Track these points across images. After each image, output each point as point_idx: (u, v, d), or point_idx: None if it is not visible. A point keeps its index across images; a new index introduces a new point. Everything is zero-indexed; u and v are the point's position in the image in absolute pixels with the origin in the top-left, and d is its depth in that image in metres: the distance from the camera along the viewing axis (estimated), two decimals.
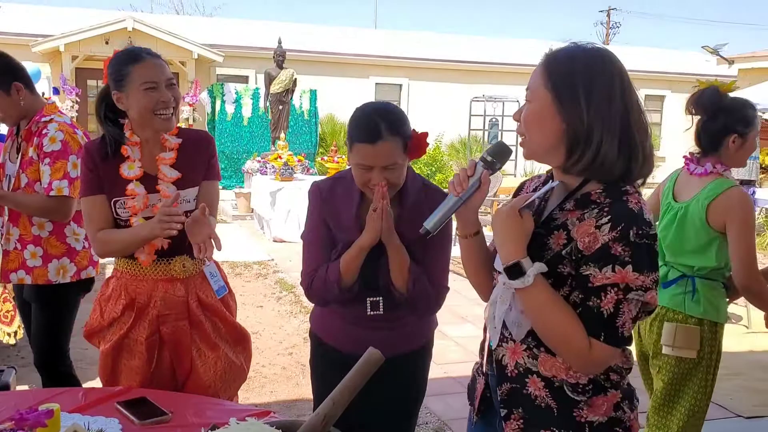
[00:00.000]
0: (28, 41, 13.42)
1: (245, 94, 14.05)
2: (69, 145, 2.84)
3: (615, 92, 1.38)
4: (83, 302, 3.04)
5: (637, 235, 1.32)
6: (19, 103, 2.87)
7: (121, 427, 1.78)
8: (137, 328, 2.22)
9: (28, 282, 2.92)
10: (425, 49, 18.39)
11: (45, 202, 2.82)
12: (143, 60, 2.14)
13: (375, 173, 1.90)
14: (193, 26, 17.27)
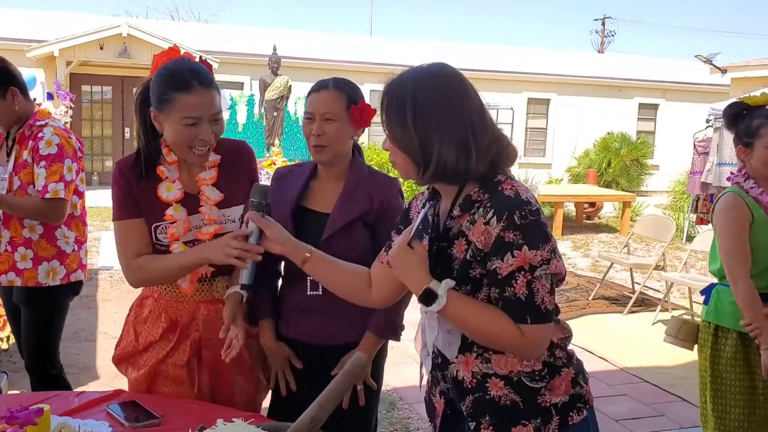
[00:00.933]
0: (22, 46, 13.41)
1: (240, 101, 14.08)
2: (65, 149, 2.87)
3: (450, 103, 1.48)
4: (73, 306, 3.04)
5: (521, 216, 1.40)
6: (13, 108, 2.89)
7: (111, 430, 1.79)
8: (177, 353, 2.06)
9: (18, 284, 2.93)
10: (418, 56, 18.41)
11: (40, 204, 2.83)
12: (191, 90, 1.87)
13: (316, 123, 2.06)
14: (188, 32, 17.30)
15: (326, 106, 2.07)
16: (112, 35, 13.62)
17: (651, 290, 7.16)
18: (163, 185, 1.99)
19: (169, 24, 21.77)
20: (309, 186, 2.17)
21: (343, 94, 2.08)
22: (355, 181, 2.12)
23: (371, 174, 2.17)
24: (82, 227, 3.10)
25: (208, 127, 1.90)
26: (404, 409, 4.05)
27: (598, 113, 18.58)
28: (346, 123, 2.08)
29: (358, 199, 2.10)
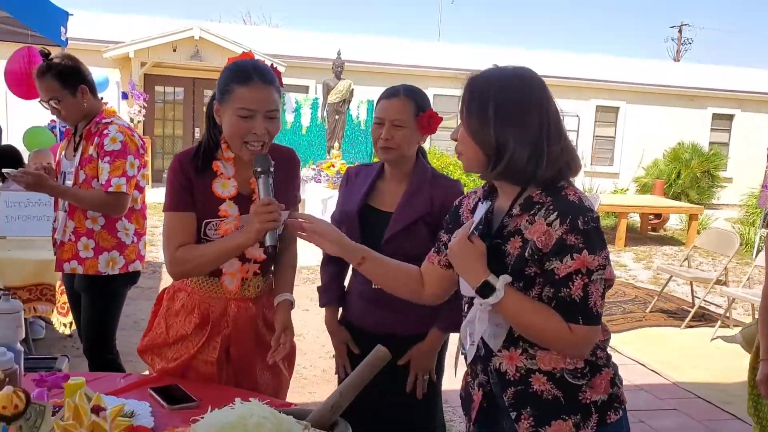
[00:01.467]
0: (99, 47, 13.99)
1: (305, 104, 14.33)
2: (128, 146, 3.02)
3: (530, 106, 1.55)
4: (135, 297, 3.17)
5: (584, 222, 1.46)
6: (82, 105, 3.06)
7: (151, 410, 1.87)
8: (208, 349, 2.07)
9: (80, 272, 3.08)
10: (484, 61, 18.22)
11: (103, 197, 2.98)
12: (250, 82, 1.89)
13: (385, 128, 2.20)
14: (256, 36, 17.68)
15: (396, 113, 2.19)
16: (185, 38, 14.08)
17: (713, 305, 6.94)
18: (218, 181, 2.00)
19: (240, 28, 22.30)
20: (375, 185, 2.31)
21: (413, 102, 2.21)
22: (417, 183, 2.25)
23: (434, 176, 2.30)
24: (142, 220, 3.25)
25: (263, 122, 1.91)
26: (447, 411, 4.05)
27: (669, 123, 18.08)
28: (413, 129, 2.21)
29: (419, 200, 2.22)
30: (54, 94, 3.01)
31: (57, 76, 3.00)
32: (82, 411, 0.94)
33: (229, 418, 1.18)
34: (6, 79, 4.75)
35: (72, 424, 0.93)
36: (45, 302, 4.29)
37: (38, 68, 3.04)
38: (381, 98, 2.26)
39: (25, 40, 4.81)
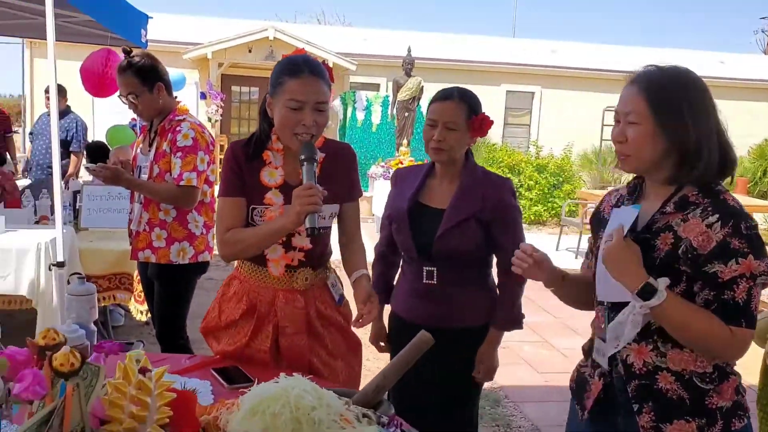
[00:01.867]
0: (179, 49, 14.50)
1: (375, 102, 14.43)
2: (198, 142, 3.19)
3: (709, 106, 1.58)
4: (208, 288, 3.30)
5: (747, 227, 1.48)
6: (158, 102, 3.24)
7: (211, 389, 1.97)
8: (259, 338, 2.13)
9: (153, 260, 3.26)
10: (559, 57, 18.04)
11: (175, 190, 3.16)
12: (299, 75, 1.95)
13: (438, 130, 2.24)
14: (329, 35, 17.95)
15: (449, 115, 2.24)
16: (260, 39, 14.41)
17: None
18: (266, 170, 2.08)
19: (313, 28, 22.67)
20: (426, 183, 2.37)
21: (466, 105, 2.25)
22: (468, 180, 2.30)
23: (485, 174, 2.35)
24: (211, 213, 3.40)
25: (312, 114, 1.95)
26: (509, 406, 4.06)
27: (754, 118, 17.30)
28: (465, 132, 2.26)
29: (471, 198, 2.26)
30: (132, 90, 3.20)
31: (136, 73, 3.19)
32: (130, 371, 1.03)
33: (273, 390, 1.26)
34: (82, 76, 5.02)
35: (121, 382, 1.02)
36: (123, 290, 4.52)
37: (119, 65, 3.25)
38: (434, 100, 2.30)
39: (105, 42, 5.07)
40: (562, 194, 12.15)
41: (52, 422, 0.86)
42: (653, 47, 20.28)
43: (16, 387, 0.93)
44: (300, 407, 1.22)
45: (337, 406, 1.29)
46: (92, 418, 0.98)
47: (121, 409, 1.00)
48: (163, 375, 1.09)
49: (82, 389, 0.95)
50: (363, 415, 1.39)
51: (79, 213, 4.77)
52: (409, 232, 2.32)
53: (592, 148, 16.18)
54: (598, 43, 20.43)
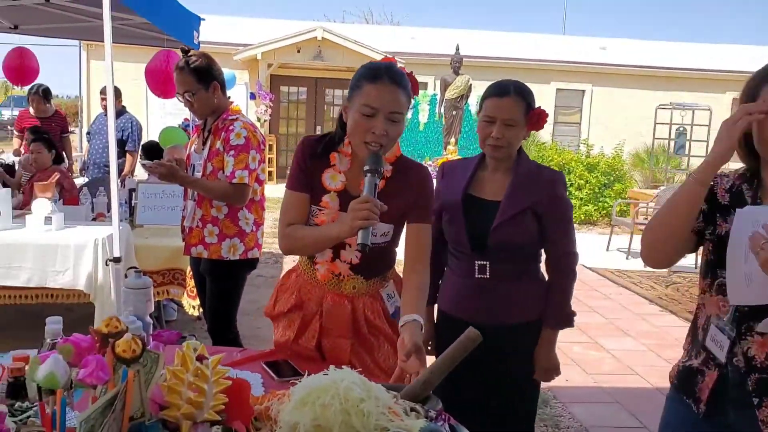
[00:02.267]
0: (230, 50, 14.76)
1: (423, 101, 14.43)
2: (251, 141, 3.26)
3: None
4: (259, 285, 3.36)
5: None
6: (213, 100, 3.33)
7: (262, 381, 2.02)
8: (305, 336, 2.14)
9: (205, 256, 3.34)
10: (610, 54, 17.75)
11: (227, 188, 3.23)
12: (378, 81, 1.87)
13: (496, 127, 2.21)
14: (376, 35, 18.03)
15: (508, 112, 2.21)
16: (308, 39, 14.56)
17: None
18: (329, 172, 2.03)
19: (361, 27, 22.79)
20: (477, 176, 2.32)
21: (523, 101, 2.22)
22: (524, 172, 2.28)
23: (538, 167, 2.34)
24: (261, 211, 3.48)
25: (384, 123, 1.86)
26: (557, 407, 4.02)
27: None
28: (523, 127, 2.24)
29: (527, 189, 2.24)
30: (189, 88, 3.29)
31: (193, 72, 3.27)
32: (188, 358, 1.06)
33: (323, 381, 1.28)
34: (146, 77, 5.17)
35: (180, 369, 1.05)
36: (177, 286, 4.63)
37: (177, 64, 3.35)
38: (490, 95, 2.25)
39: (160, 44, 5.20)
40: (613, 194, 11.95)
41: (115, 406, 0.90)
42: (705, 43, 19.77)
43: (80, 372, 0.98)
44: (349, 399, 1.24)
45: (385, 399, 1.30)
46: (152, 403, 1.03)
47: (179, 395, 1.03)
48: (218, 363, 1.12)
49: (142, 375, 0.99)
50: (411, 408, 1.40)
51: (135, 210, 4.91)
52: (463, 224, 2.28)
53: (644, 146, 15.88)
54: (649, 40, 20.02)
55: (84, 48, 15.90)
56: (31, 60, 6.26)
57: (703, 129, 13.46)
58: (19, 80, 6.45)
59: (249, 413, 1.19)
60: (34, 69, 6.34)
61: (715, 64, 17.16)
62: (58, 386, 0.96)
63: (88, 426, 0.86)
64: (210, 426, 1.07)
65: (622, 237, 9.57)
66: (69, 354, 1.02)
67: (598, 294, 6.87)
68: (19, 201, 5.37)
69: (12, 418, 1.29)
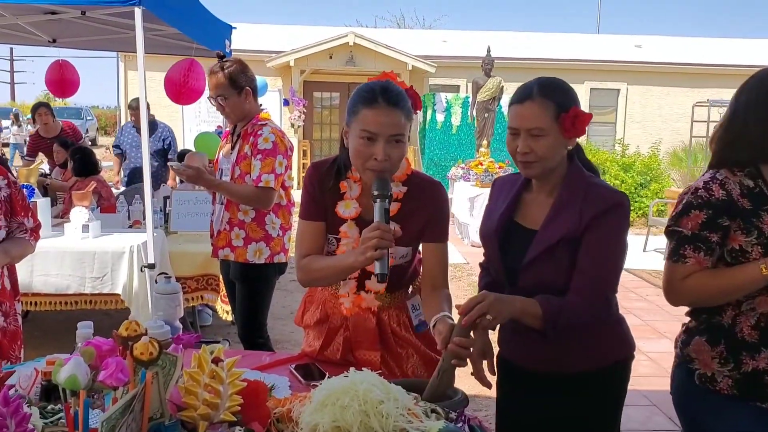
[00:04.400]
0: (263, 57, 14.93)
1: (455, 103, 14.41)
2: (278, 146, 3.31)
3: None
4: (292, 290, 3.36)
5: None
6: (244, 105, 3.39)
7: (289, 384, 2.04)
8: (330, 349, 2.12)
9: (231, 258, 3.40)
10: (645, 52, 17.49)
11: (253, 191, 3.28)
12: (375, 105, 1.81)
13: (521, 139, 1.82)
14: (408, 39, 18.05)
15: (532, 120, 1.80)
16: (340, 44, 14.66)
17: None
18: (342, 202, 1.98)
19: (393, 32, 22.85)
20: (521, 198, 1.97)
21: (551, 103, 1.80)
22: (568, 194, 1.85)
23: (589, 185, 1.86)
24: (288, 216, 3.52)
25: (385, 147, 1.80)
26: None
27: None
28: (556, 134, 1.80)
29: (567, 215, 1.82)
30: (222, 92, 3.34)
31: (227, 77, 3.33)
32: (204, 361, 1.09)
33: (342, 383, 1.30)
34: (165, 84, 5.26)
35: (196, 371, 1.08)
36: (210, 291, 4.71)
37: (212, 67, 3.42)
38: (512, 102, 1.87)
39: (189, 53, 5.29)
40: (650, 194, 11.77)
41: (133, 407, 0.93)
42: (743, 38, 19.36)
43: (101, 374, 1.01)
44: (368, 400, 1.26)
45: (404, 400, 1.32)
46: (170, 404, 1.05)
47: (196, 396, 1.06)
48: (234, 365, 1.15)
49: (160, 377, 1.02)
50: (432, 410, 1.41)
51: (169, 217, 5.00)
52: (498, 257, 1.94)
53: (681, 145, 15.60)
54: (685, 36, 19.69)
55: (121, 59, 16.25)
56: (72, 73, 6.42)
57: None
58: (60, 93, 6.61)
59: (266, 414, 1.22)
60: (75, 82, 6.49)
61: (751, 59, 16.76)
62: (79, 387, 0.99)
63: (109, 426, 0.89)
64: (228, 427, 1.10)
65: (660, 237, 9.40)
66: (91, 357, 1.06)
67: (635, 295, 6.77)
68: (59, 210, 5.52)
69: (43, 420, 1.34)
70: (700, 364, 1.85)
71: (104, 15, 4.93)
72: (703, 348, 1.84)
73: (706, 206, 1.76)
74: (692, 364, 1.88)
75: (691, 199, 1.79)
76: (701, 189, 1.78)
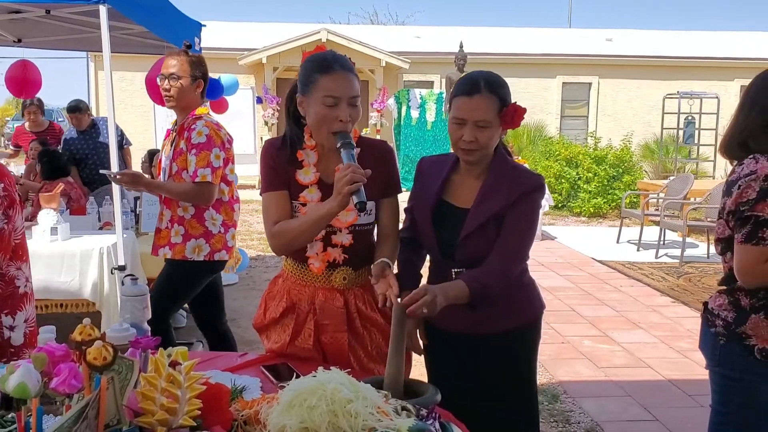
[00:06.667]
0: (235, 55, 14.82)
1: (429, 99, 14.41)
2: (213, 139, 3.24)
3: None
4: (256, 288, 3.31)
5: None
6: (192, 94, 3.31)
7: (261, 385, 2.01)
8: (301, 336, 2.14)
9: (169, 256, 3.34)
10: (616, 46, 17.65)
11: (191, 187, 3.22)
12: (332, 72, 1.96)
13: (467, 129, 1.99)
14: (381, 35, 18.03)
15: (480, 113, 1.98)
16: (313, 41, 14.56)
17: None
18: (301, 170, 2.07)
19: (366, 28, 22.81)
20: (450, 179, 2.15)
21: (496, 98, 2.00)
22: (495, 177, 2.07)
23: (514, 169, 2.10)
24: (231, 212, 3.43)
25: (347, 108, 1.96)
26: (567, 402, 3.99)
27: None
28: (497, 126, 2.02)
29: (496, 195, 2.04)
30: (177, 72, 3.27)
31: (189, 60, 3.29)
32: (161, 364, 1.06)
33: (310, 383, 1.27)
34: (146, 85, 5.19)
35: (153, 375, 1.05)
36: None
37: (174, 49, 3.40)
38: (459, 94, 2.02)
39: (161, 52, 5.21)
40: (623, 186, 11.87)
41: (87, 414, 0.90)
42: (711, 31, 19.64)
43: (53, 381, 0.98)
44: (336, 400, 1.24)
45: (374, 398, 1.30)
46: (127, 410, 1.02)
47: (153, 401, 1.03)
48: (192, 368, 1.12)
49: (116, 383, 0.99)
50: (402, 407, 1.39)
51: (140, 218, 4.93)
52: (433, 234, 2.12)
53: (653, 137, 15.78)
54: (655, 29, 19.92)
55: (91, 59, 16.03)
56: (34, 73, 6.29)
57: (711, 117, 13.35)
58: (20, 92, 6.47)
59: (228, 418, 1.19)
60: (37, 82, 6.36)
61: (721, 51, 17.03)
62: (29, 396, 0.96)
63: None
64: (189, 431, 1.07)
65: (633, 229, 9.50)
66: (43, 363, 1.02)
67: (609, 287, 6.82)
68: (29, 213, 5.41)
69: (2, 429, 1.29)
70: (758, 340, 1.94)
71: (70, 14, 4.85)
72: (761, 324, 1.94)
73: None
74: (749, 341, 1.96)
75: (767, 185, 1.86)
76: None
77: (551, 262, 7.99)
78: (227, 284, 5.93)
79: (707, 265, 7.80)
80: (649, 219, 9.14)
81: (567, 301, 6.28)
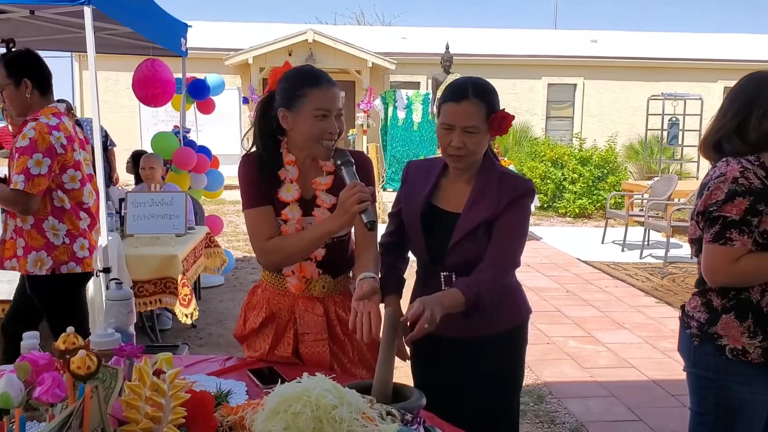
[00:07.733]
0: (221, 55, 14.76)
1: (416, 100, 14.42)
2: (36, 144, 2.94)
3: None
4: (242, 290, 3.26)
5: None
6: (25, 98, 3.05)
7: (246, 389, 2.01)
8: (281, 346, 2.14)
9: (17, 270, 3.11)
10: (601, 47, 17.75)
11: (9, 194, 2.95)
12: (321, 86, 1.98)
13: (456, 135, 2.00)
14: (368, 35, 18.01)
15: (468, 119, 1.99)
16: (299, 42, 14.59)
17: None
18: (282, 187, 2.06)
19: (353, 29, 22.79)
20: (439, 184, 2.15)
21: (484, 104, 2.00)
22: (484, 183, 2.08)
23: (502, 174, 2.10)
24: (76, 221, 3.14)
25: (335, 121, 2.00)
26: (552, 402, 4.02)
27: None
28: (485, 132, 2.03)
29: (485, 201, 2.05)
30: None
31: (4, 65, 3.05)
32: (145, 373, 1.06)
33: (295, 390, 1.27)
34: (134, 88, 5.16)
35: (137, 384, 1.05)
36: (169, 294, 4.61)
37: None
38: (447, 100, 2.02)
39: (147, 53, 5.19)
40: (607, 186, 11.96)
41: (70, 424, 0.90)
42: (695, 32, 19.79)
43: (36, 390, 0.97)
44: (321, 406, 1.24)
45: (358, 404, 1.30)
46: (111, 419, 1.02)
47: (137, 410, 1.03)
48: (176, 376, 1.12)
49: (100, 391, 0.99)
50: (387, 413, 1.40)
51: (125, 220, 4.90)
52: (422, 239, 2.12)
53: (637, 138, 15.89)
54: (640, 31, 20.06)
55: (76, 59, 15.90)
56: None
57: (695, 119, 13.47)
58: None
59: (213, 426, 1.19)
60: None
61: (705, 53, 17.17)
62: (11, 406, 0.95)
63: None
64: None
65: (617, 229, 9.58)
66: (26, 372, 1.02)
67: (593, 287, 6.87)
68: None
69: None
70: (729, 340, 1.97)
71: (55, 15, 4.81)
72: (732, 324, 1.97)
73: (748, 193, 1.88)
74: (721, 341, 1.99)
75: (734, 187, 1.90)
76: (740, 178, 1.89)
77: (537, 262, 8.03)
78: (213, 285, 5.97)
79: (691, 266, 7.87)
80: (633, 219, 9.21)
81: (552, 301, 6.32)
